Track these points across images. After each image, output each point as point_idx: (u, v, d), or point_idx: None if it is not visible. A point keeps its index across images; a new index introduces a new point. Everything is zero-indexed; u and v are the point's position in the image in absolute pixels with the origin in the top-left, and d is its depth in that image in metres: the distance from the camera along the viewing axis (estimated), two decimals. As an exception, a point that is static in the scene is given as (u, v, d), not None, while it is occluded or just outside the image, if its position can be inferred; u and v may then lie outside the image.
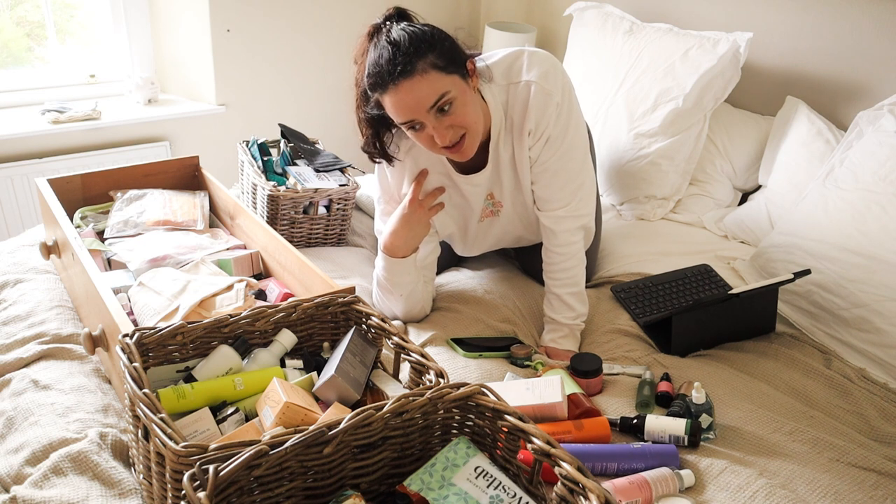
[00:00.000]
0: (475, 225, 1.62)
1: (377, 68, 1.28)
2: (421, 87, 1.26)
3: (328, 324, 1.28)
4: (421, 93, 1.26)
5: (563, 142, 1.45)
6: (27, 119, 2.48)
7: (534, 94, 1.40)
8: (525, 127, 1.42)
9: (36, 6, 2.59)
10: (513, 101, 1.43)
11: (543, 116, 1.41)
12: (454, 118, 1.31)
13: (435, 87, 1.27)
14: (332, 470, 0.93)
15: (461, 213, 1.60)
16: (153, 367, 1.13)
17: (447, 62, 1.28)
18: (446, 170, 1.51)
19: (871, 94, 1.93)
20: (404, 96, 1.27)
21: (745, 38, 2.01)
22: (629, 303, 1.62)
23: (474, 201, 1.56)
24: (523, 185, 1.52)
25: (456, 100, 1.29)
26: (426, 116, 1.29)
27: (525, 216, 1.59)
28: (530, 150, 1.46)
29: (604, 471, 1.15)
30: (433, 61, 1.26)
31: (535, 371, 1.42)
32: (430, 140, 1.34)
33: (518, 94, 1.42)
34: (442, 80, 1.27)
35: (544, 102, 1.41)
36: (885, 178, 1.59)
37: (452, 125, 1.32)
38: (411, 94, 1.26)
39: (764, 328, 1.57)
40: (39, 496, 1.02)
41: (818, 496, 1.12)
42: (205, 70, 2.70)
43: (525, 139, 1.44)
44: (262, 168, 1.91)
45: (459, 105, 1.30)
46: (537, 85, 1.40)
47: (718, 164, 2.13)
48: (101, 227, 1.70)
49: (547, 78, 1.41)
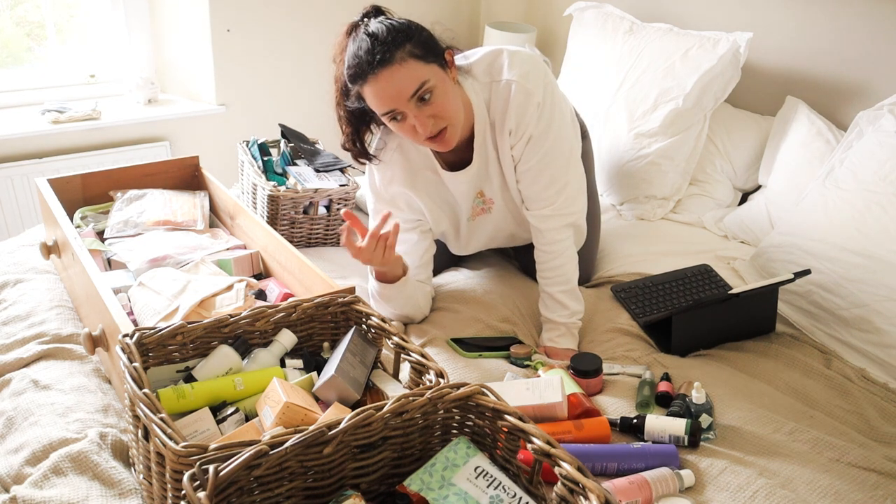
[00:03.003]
0: (466, 223, 1.61)
1: (356, 59, 1.29)
2: (401, 76, 1.27)
3: (328, 324, 1.28)
4: (401, 81, 1.27)
5: (545, 141, 1.45)
6: (27, 119, 2.48)
7: (514, 94, 1.40)
8: (506, 126, 1.43)
9: (36, 6, 2.58)
10: (495, 100, 1.43)
11: (524, 116, 1.41)
12: (434, 108, 1.31)
13: (414, 75, 1.28)
14: (332, 470, 0.93)
15: (451, 209, 1.59)
16: (153, 367, 1.13)
17: (425, 51, 1.29)
18: (434, 166, 1.51)
19: (871, 94, 1.93)
20: (385, 85, 1.27)
21: (745, 38, 2.01)
22: (629, 302, 1.62)
23: (462, 199, 1.55)
24: (509, 183, 1.52)
25: (436, 88, 1.30)
26: (407, 106, 1.30)
27: (517, 213, 1.59)
28: (512, 149, 1.46)
29: (604, 471, 1.15)
30: (411, 50, 1.27)
31: (534, 371, 1.41)
32: (413, 130, 1.34)
33: (499, 93, 1.42)
34: (421, 69, 1.28)
35: (525, 102, 1.40)
36: (885, 178, 1.59)
37: (433, 115, 1.32)
38: (391, 82, 1.27)
39: (764, 328, 1.56)
40: (39, 496, 1.02)
41: (818, 496, 1.12)
42: (205, 70, 2.70)
43: (507, 138, 1.44)
44: (263, 168, 1.91)
45: (440, 94, 1.31)
46: (518, 84, 1.40)
47: (718, 164, 2.13)
48: (101, 227, 1.70)
49: (528, 77, 1.41)
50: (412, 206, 1.55)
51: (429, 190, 1.54)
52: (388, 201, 1.54)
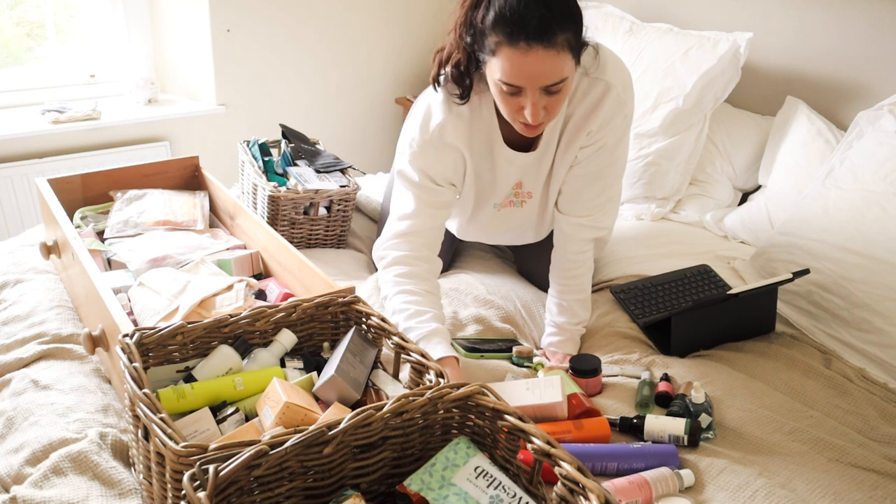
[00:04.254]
0: (491, 210, 1.54)
1: (516, 14, 1.12)
2: (551, 64, 1.15)
3: (328, 324, 1.28)
4: (549, 69, 1.15)
5: (612, 153, 1.41)
6: (27, 119, 2.48)
7: (610, 99, 1.33)
8: (588, 126, 1.35)
9: (36, 6, 2.59)
10: (582, 95, 1.34)
11: (610, 123, 1.36)
12: (554, 102, 1.22)
13: (562, 67, 1.17)
14: (332, 470, 0.93)
15: (484, 189, 1.50)
16: (153, 367, 1.13)
17: (577, 46, 1.19)
18: (493, 138, 1.40)
19: (871, 94, 1.93)
20: (532, 62, 1.14)
21: (745, 38, 2.01)
22: (629, 303, 1.62)
23: (502, 182, 1.47)
24: (553, 181, 1.46)
25: (565, 87, 1.21)
26: (533, 90, 1.19)
27: (545, 213, 1.55)
28: (581, 150, 1.40)
29: (604, 471, 1.15)
30: (570, 40, 1.16)
31: (535, 372, 1.42)
32: (519, 110, 1.23)
33: (592, 90, 1.34)
34: (568, 64, 1.18)
35: (617, 110, 1.35)
36: (885, 178, 1.59)
37: (547, 108, 1.23)
38: (539, 65, 1.14)
39: (764, 328, 1.56)
40: (39, 496, 1.02)
41: (818, 496, 1.12)
42: (205, 70, 2.70)
43: (581, 137, 1.37)
44: (263, 168, 1.91)
45: (564, 93, 1.22)
46: (616, 91, 1.33)
47: (718, 164, 2.13)
48: (101, 227, 1.70)
49: (626, 88, 1.36)
50: (457, 168, 1.43)
51: (476, 163, 1.44)
52: (436, 148, 1.38)
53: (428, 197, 1.42)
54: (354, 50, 2.96)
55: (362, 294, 1.57)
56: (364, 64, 3.00)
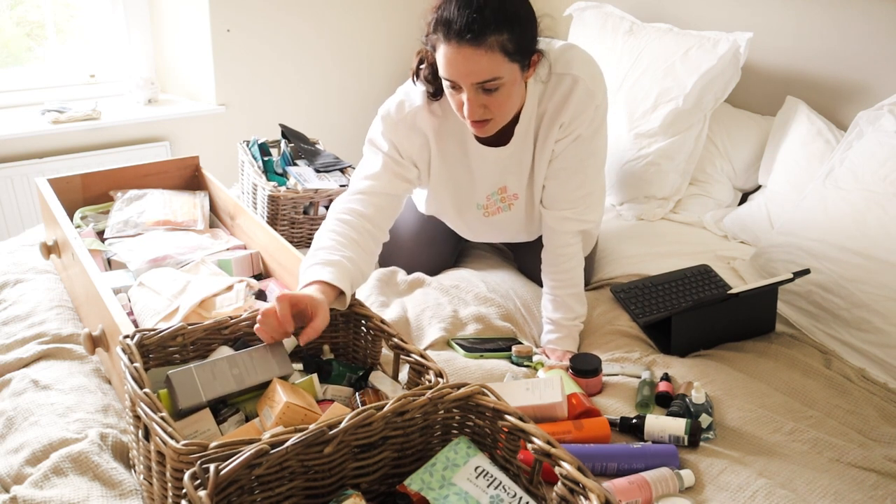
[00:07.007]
0: (479, 217, 1.58)
1: (450, 15, 1.21)
2: (479, 62, 1.22)
3: (328, 325, 1.28)
4: (476, 66, 1.22)
5: (589, 145, 1.44)
6: (27, 119, 2.48)
7: (579, 90, 1.38)
8: (559, 118, 1.40)
9: (36, 6, 2.59)
10: (551, 91, 1.40)
11: (581, 114, 1.40)
12: (491, 101, 1.28)
13: (491, 67, 1.23)
14: (333, 469, 0.93)
15: (461, 190, 1.55)
16: (153, 368, 1.13)
17: (516, 49, 1.24)
18: (465, 137, 1.47)
19: (871, 94, 1.93)
20: (461, 60, 1.23)
21: (745, 38, 2.01)
22: (629, 303, 1.62)
23: (481, 182, 1.52)
24: (536, 178, 1.50)
25: (503, 87, 1.27)
26: (467, 85, 1.26)
27: (532, 214, 1.58)
28: (557, 143, 1.44)
29: (604, 471, 1.15)
30: (504, 42, 1.22)
31: (534, 371, 1.42)
32: (460, 104, 1.30)
33: (561, 85, 1.39)
34: (501, 65, 1.24)
35: (587, 101, 1.39)
36: (886, 178, 1.59)
37: (486, 106, 1.29)
38: (467, 62, 1.22)
39: (764, 328, 1.57)
40: (40, 496, 1.02)
41: (818, 496, 1.12)
42: (205, 70, 2.70)
43: (555, 131, 1.42)
44: (263, 168, 1.91)
45: (503, 93, 1.28)
46: (584, 82, 1.38)
47: (718, 164, 2.13)
48: (101, 227, 1.70)
49: (594, 79, 1.40)
50: (422, 153, 1.48)
51: (447, 159, 1.49)
52: (407, 127, 1.44)
53: (394, 166, 1.46)
54: (354, 50, 2.96)
55: (362, 294, 1.57)
56: (364, 64, 3.00)
